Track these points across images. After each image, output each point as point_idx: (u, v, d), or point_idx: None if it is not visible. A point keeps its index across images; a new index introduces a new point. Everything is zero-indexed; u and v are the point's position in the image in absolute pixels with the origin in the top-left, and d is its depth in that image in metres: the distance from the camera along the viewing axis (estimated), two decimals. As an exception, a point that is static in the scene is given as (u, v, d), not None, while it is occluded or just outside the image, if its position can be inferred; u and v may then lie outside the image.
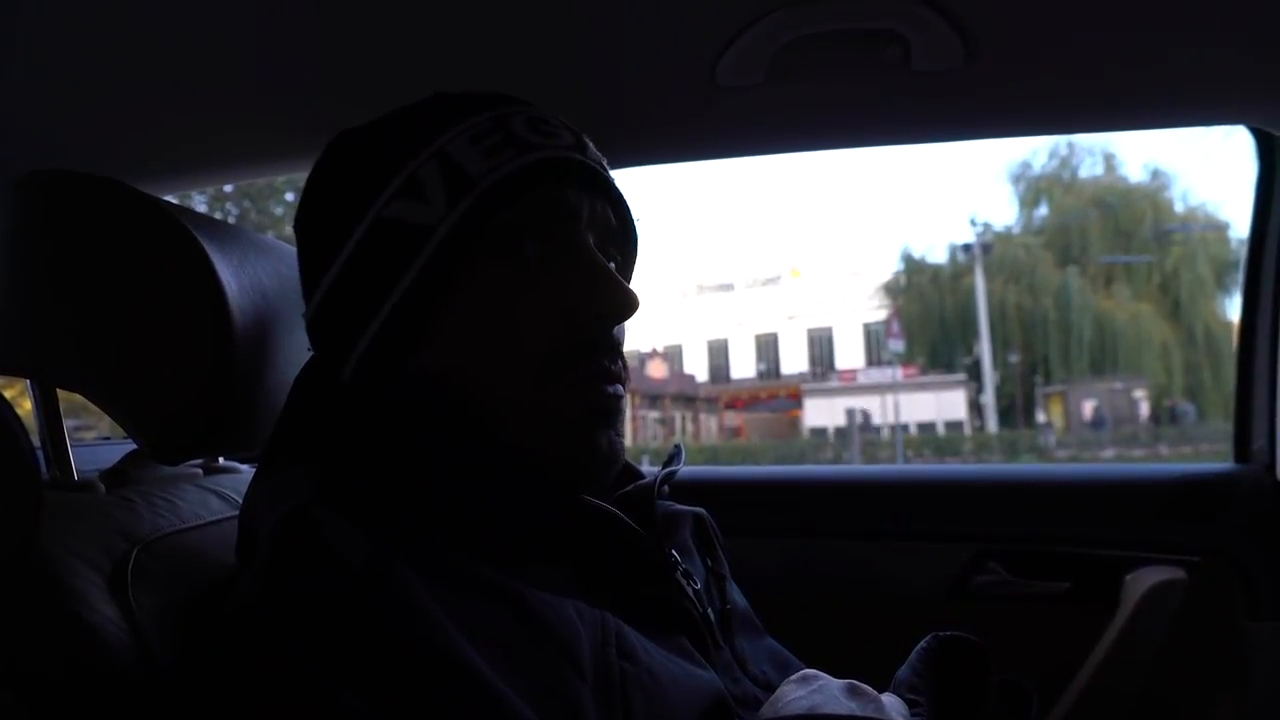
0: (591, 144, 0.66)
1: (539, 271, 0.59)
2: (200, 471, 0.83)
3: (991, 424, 19.77)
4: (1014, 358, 19.72)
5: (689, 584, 0.65)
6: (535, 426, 0.58)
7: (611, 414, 0.60)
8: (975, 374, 20.41)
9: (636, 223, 0.69)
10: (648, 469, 0.73)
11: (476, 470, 0.56)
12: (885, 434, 19.55)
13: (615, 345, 0.62)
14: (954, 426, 20.63)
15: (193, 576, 0.64)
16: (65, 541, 0.59)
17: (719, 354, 27.20)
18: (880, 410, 19.83)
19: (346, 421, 0.58)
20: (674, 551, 0.66)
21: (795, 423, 23.56)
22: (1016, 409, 20.09)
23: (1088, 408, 18.69)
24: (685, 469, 0.75)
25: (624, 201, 0.66)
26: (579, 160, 0.62)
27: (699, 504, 0.79)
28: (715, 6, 0.83)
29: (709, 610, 0.66)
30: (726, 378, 26.79)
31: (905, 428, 19.39)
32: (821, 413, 22.02)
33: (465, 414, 0.58)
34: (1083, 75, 0.97)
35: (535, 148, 0.60)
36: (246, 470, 0.90)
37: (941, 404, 20.59)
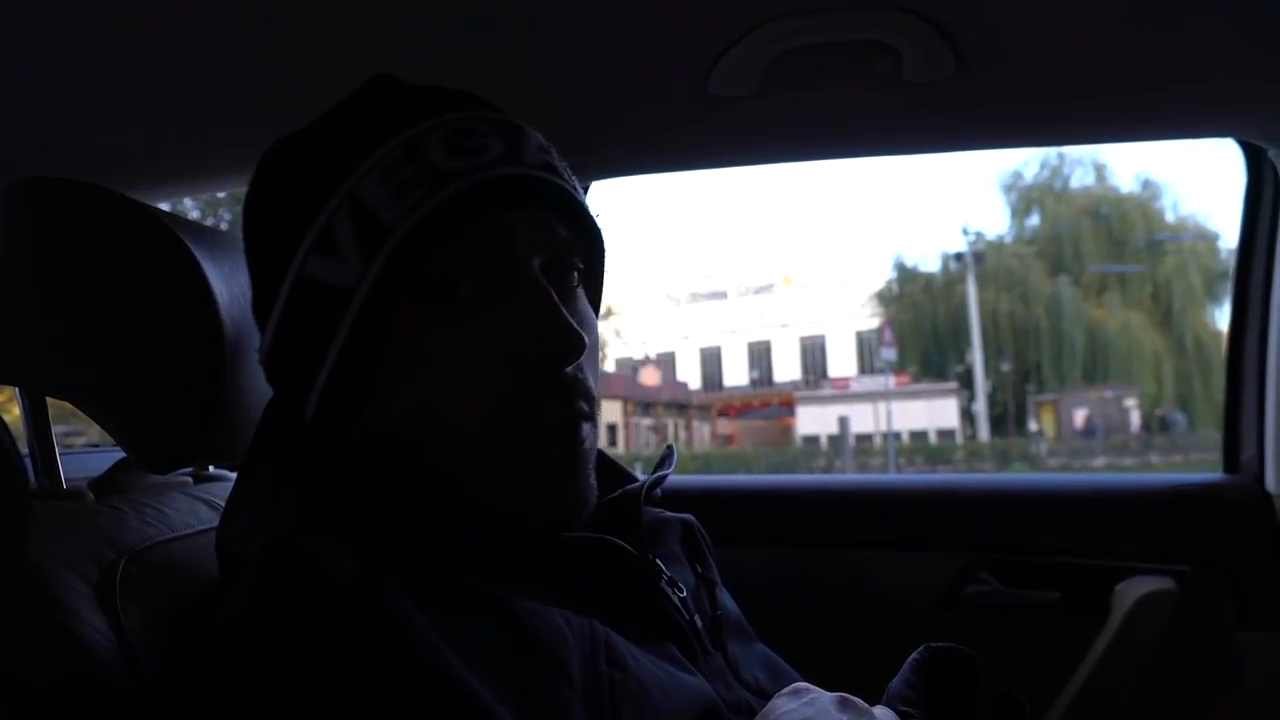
0: (535, 140, 0.59)
1: (477, 313, 0.54)
2: (189, 480, 0.82)
3: (984, 432, 19.80)
4: (1006, 366, 19.76)
5: (674, 592, 0.64)
6: (489, 480, 0.54)
7: (573, 463, 0.56)
8: (967, 382, 20.44)
9: (596, 219, 0.62)
10: (640, 476, 0.72)
11: (443, 519, 0.54)
12: (877, 442, 19.56)
13: (572, 386, 0.55)
14: (946, 435, 20.64)
15: (181, 587, 0.64)
16: (53, 551, 0.58)
17: (712, 361, 27.19)
18: (873, 418, 19.85)
19: (315, 458, 0.57)
20: (659, 560, 0.65)
21: (788, 430, 23.53)
22: (1009, 417, 20.12)
23: (1079, 416, 18.73)
24: (677, 478, 0.74)
25: (575, 203, 0.58)
26: (510, 176, 0.55)
27: (690, 513, 0.79)
28: (709, 18, 0.83)
29: (696, 618, 0.65)
30: (719, 385, 26.77)
31: (897, 436, 19.39)
32: (814, 420, 22.01)
33: (422, 465, 0.55)
34: (1073, 88, 0.98)
35: (453, 176, 0.53)
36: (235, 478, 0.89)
37: (934, 412, 20.61)
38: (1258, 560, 1.18)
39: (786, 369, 25.83)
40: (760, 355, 26.62)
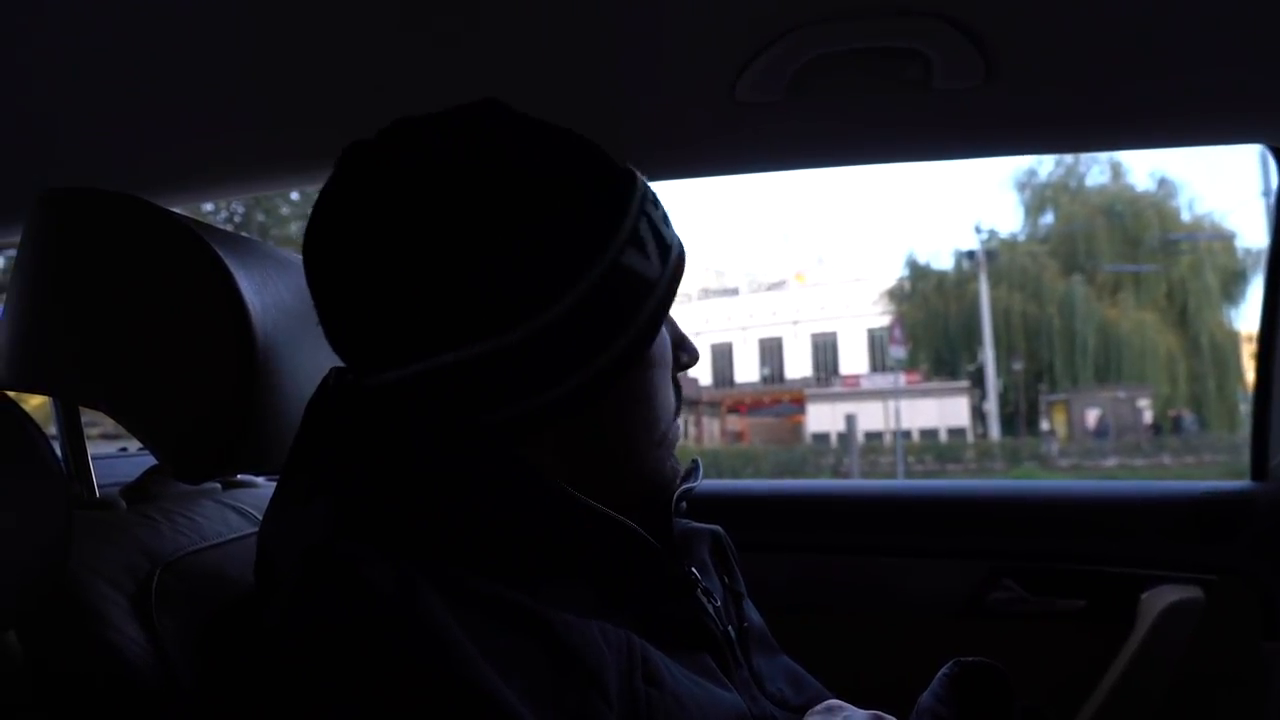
0: None
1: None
2: (219, 486, 0.83)
3: (994, 431, 19.66)
4: (1018, 365, 19.61)
5: (709, 602, 0.64)
6: (650, 484, 0.65)
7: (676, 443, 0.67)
8: (979, 381, 20.31)
9: None
10: None
11: (557, 524, 0.56)
12: (887, 440, 19.47)
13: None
14: (957, 433, 20.52)
15: (214, 595, 0.64)
16: (89, 562, 0.58)
17: (722, 358, 27.13)
18: (883, 416, 19.76)
19: (404, 460, 0.55)
20: (693, 570, 0.65)
21: (798, 428, 23.47)
22: (1020, 417, 19.99)
23: (1091, 416, 18.57)
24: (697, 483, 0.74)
25: None
26: None
27: (712, 519, 0.79)
28: (736, 25, 0.83)
29: (729, 628, 0.66)
30: (730, 382, 26.71)
31: (907, 434, 19.29)
32: (824, 418, 21.94)
33: (601, 480, 0.61)
34: (1103, 94, 0.97)
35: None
36: (264, 484, 0.89)
37: (944, 411, 20.50)
38: None
39: (797, 366, 25.75)
40: (771, 352, 26.56)
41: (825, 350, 25.22)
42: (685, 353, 0.67)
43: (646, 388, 0.62)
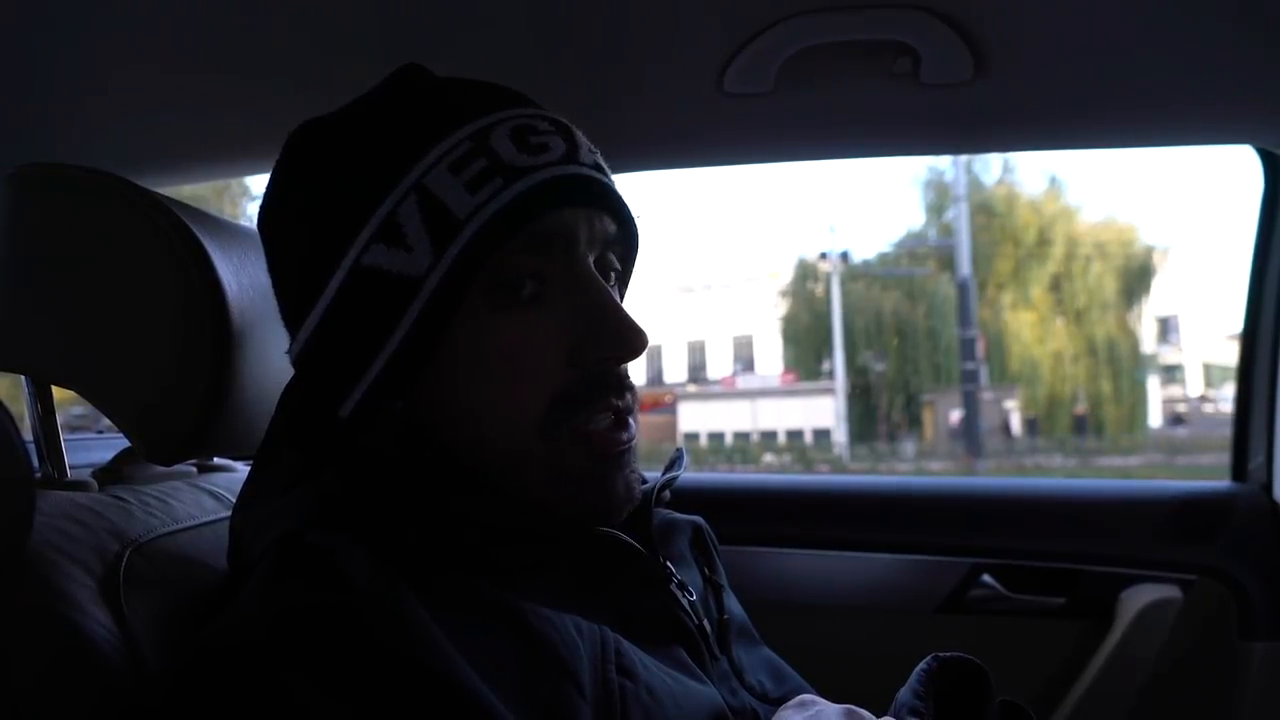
0: (584, 140, 0.60)
1: (537, 311, 0.55)
2: (194, 470, 0.82)
3: (842, 435, 18.76)
4: (880, 366, 18.85)
5: (684, 595, 0.64)
6: (543, 480, 0.55)
7: (624, 457, 0.57)
8: (862, 380, 19.42)
9: (636, 220, 0.63)
10: (649, 475, 0.72)
11: (480, 517, 0.54)
12: (755, 440, 19.24)
13: (623, 381, 0.57)
14: (822, 435, 19.88)
15: (185, 579, 0.63)
16: (56, 542, 0.57)
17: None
18: (750, 417, 19.54)
19: (343, 454, 0.56)
20: (669, 563, 0.65)
21: (670, 427, 22.42)
22: (879, 418, 19.24)
23: (955, 417, 18.14)
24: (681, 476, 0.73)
25: (623, 203, 0.60)
26: (573, 175, 0.56)
27: (694, 512, 0.78)
28: (724, 14, 0.83)
29: (705, 622, 0.65)
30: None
31: (773, 434, 19.18)
32: (697, 418, 21.26)
33: (467, 462, 0.56)
34: (1091, 93, 0.97)
35: (524, 172, 0.54)
36: (241, 468, 0.88)
37: (810, 411, 19.89)
38: (1264, 570, 1.18)
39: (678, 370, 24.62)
40: (652, 355, 25.60)
41: (697, 353, 23.85)
42: (593, 345, 0.55)
43: (482, 372, 0.54)
